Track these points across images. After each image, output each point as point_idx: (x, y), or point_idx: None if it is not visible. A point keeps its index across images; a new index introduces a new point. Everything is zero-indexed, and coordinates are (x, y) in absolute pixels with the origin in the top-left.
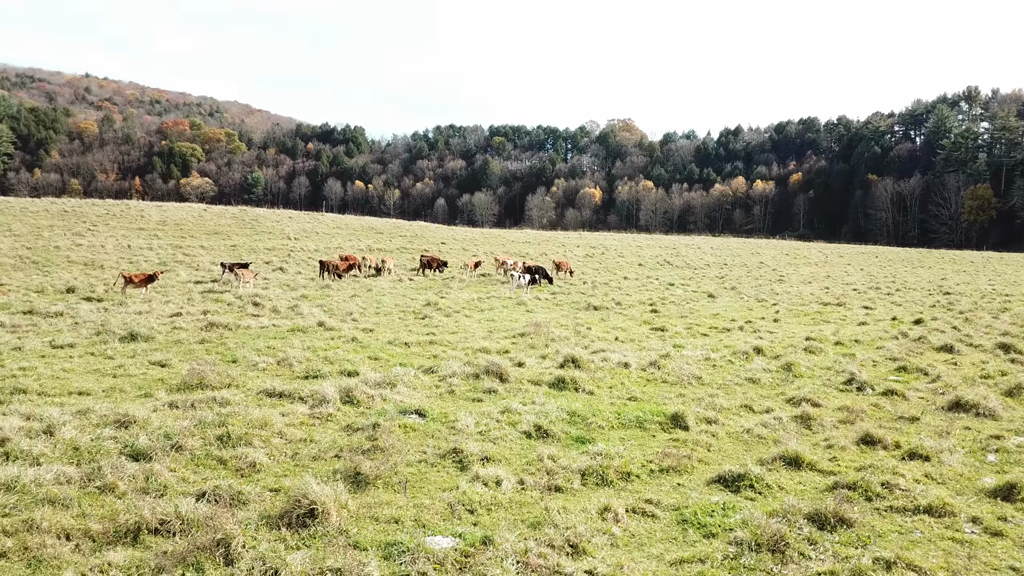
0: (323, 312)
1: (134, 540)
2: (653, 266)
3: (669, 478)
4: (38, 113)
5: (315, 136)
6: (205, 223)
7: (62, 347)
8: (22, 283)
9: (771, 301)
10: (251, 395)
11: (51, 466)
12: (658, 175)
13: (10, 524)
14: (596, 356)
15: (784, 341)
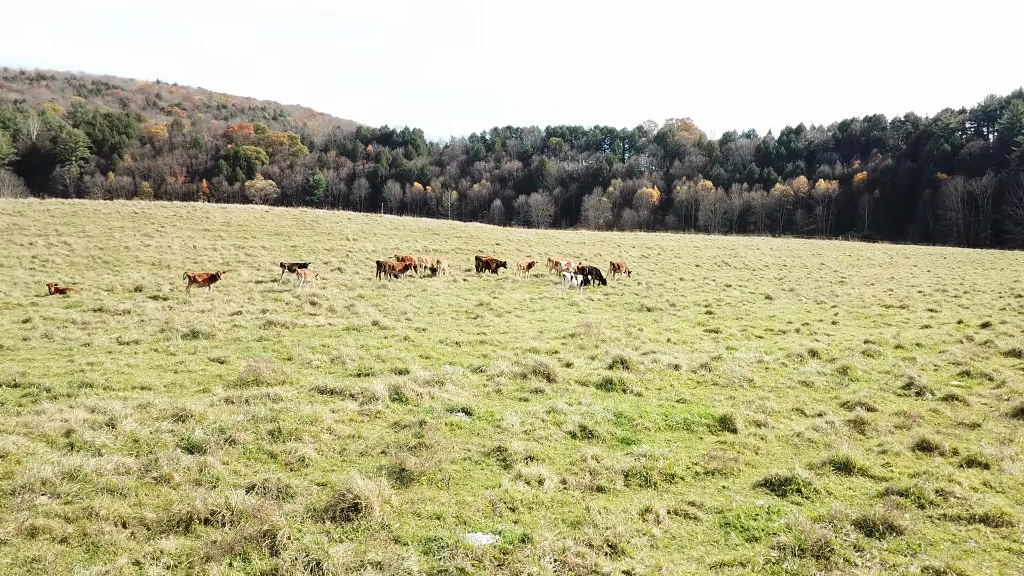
0: (378, 311)
1: (186, 529)
2: (710, 267)
3: (714, 481)
4: (112, 119)
5: (375, 139)
6: (267, 224)
7: (128, 343)
8: (94, 282)
9: (830, 303)
10: (303, 392)
11: (112, 457)
12: (717, 175)
13: (72, 511)
14: (646, 358)
15: (841, 344)
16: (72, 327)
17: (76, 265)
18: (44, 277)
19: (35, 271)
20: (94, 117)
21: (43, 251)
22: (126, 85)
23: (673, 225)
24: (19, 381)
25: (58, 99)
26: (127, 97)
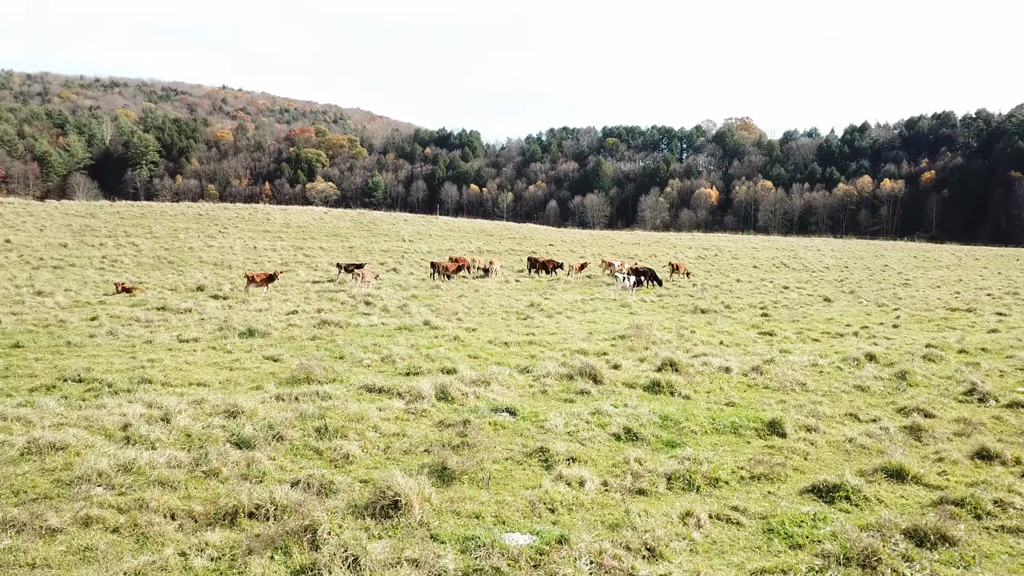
0: (430, 311)
1: (232, 522)
2: (768, 268)
3: (759, 486)
4: (180, 124)
5: (432, 141)
6: (325, 225)
7: (187, 341)
8: (159, 281)
9: (892, 306)
10: (352, 390)
11: (165, 451)
12: (777, 175)
13: (124, 502)
14: (696, 360)
15: (901, 348)
16: (136, 325)
17: (143, 265)
18: (112, 276)
19: (104, 271)
20: (163, 122)
21: (112, 251)
22: (194, 91)
23: (732, 226)
24: (83, 376)
25: (130, 105)
26: (194, 102)
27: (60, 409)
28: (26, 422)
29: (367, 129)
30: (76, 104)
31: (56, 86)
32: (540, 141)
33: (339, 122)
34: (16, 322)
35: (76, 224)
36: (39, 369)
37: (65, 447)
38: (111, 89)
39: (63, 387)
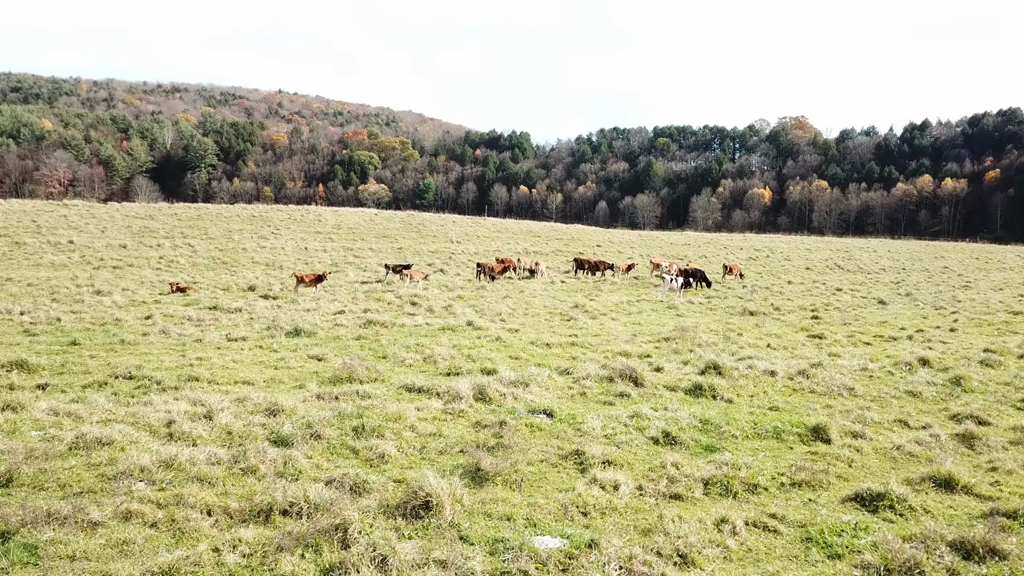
0: (474, 312)
1: (266, 519)
2: (821, 270)
3: (800, 493)
4: (238, 127)
5: (482, 143)
6: (375, 227)
7: (236, 340)
8: (212, 281)
9: (950, 309)
10: (392, 389)
11: (205, 448)
12: (833, 174)
13: (163, 498)
14: (741, 363)
15: (957, 352)
16: (187, 324)
17: (197, 265)
18: (168, 276)
19: (160, 271)
20: (221, 126)
21: (169, 252)
22: (251, 95)
23: (785, 226)
24: (134, 374)
25: (190, 110)
26: (251, 106)
27: (109, 405)
28: (76, 417)
29: (418, 131)
30: (139, 109)
31: (121, 92)
32: (590, 142)
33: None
34: (75, 320)
35: (136, 226)
36: (93, 366)
37: (111, 442)
38: (172, 94)
39: (114, 384)
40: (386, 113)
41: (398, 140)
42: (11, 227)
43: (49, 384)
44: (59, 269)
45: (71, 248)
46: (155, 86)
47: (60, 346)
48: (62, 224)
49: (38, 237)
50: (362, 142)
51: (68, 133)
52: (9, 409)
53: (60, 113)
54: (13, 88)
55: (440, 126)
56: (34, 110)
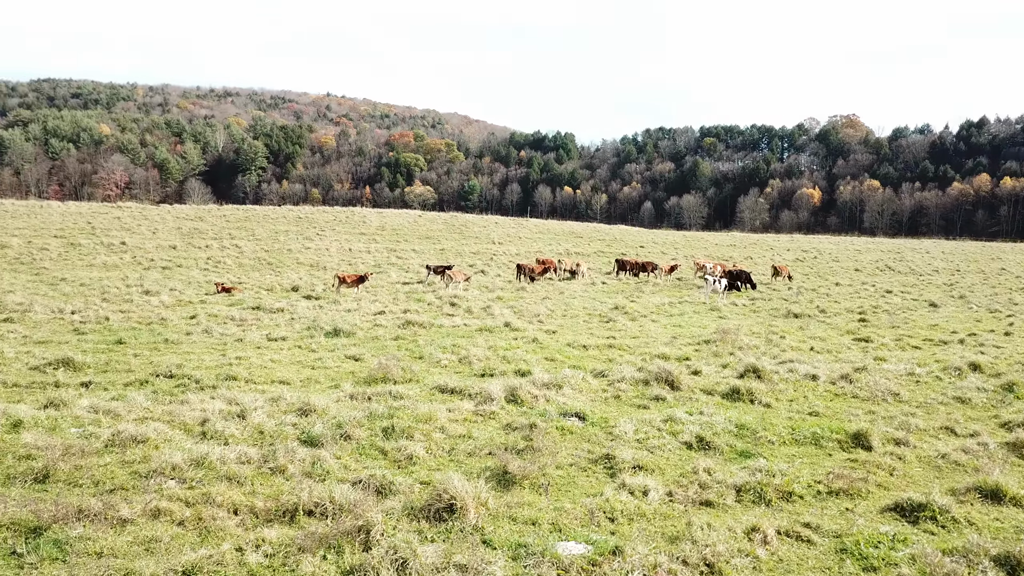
0: (512, 313)
1: (291, 520)
2: (871, 271)
3: (837, 502)
4: (287, 130)
5: (527, 144)
6: (419, 228)
7: (276, 340)
8: (257, 282)
9: (1006, 312)
10: (425, 390)
11: (236, 447)
12: (885, 173)
13: (192, 496)
14: (782, 367)
15: (1012, 357)
16: (230, 323)
17: (243, 266)
18: (215, 277)
19: (208, 271)
20: (271, 129)
21: (216, 253)
22: (300, 98)
23: (835, 227)
24: (174, 372)
25: (241, 113)
26: (300, 110)
27: (147, 404)
28: (115, 415)
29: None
30: (193, 113)
31: (175, 97)
32: (635, 142)
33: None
34: (123, 319)
35: (185, 227)
36: (136, 364)
37: (145, 440)
38: (224, 99)
39: (155, 382)
40: (432, 115)
41: (443, 142)
42: (67, 228)
43: (92, 382)
44: (111, 269)
45: (123, 249)
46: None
47: (106, 344)
48: (115, 226)
49: (92, 238)
50: (408, 144)
51: (125, 137)
52: (52, 406)
53: (117, 118)
54: (74, 94)
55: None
56: (93, 115)
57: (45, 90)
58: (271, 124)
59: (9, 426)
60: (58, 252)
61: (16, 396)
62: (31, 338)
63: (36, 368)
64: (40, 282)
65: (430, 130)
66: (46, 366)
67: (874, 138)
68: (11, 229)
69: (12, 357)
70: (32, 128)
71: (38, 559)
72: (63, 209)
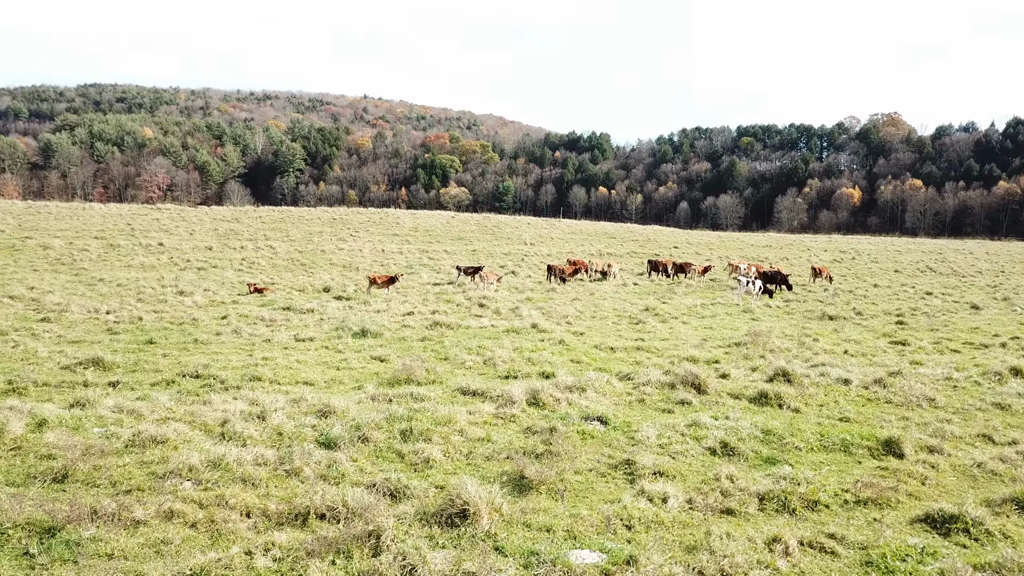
0: (541, 315)
1: (303, 523)
2: (911, 273)
3: (864, 511)
4: (324, 132)
5: (562, 144)
6: (451, 229)
7: (303, 340)
8: (289, 282)
9: None
10: (447, 392)
11: (254, 448)
12: (928, 173)
13: (206, 498)
14: (813, 370)
15: None
16: (260, 324)
17: (277, 267)
18: (248, 277)
19: (242, 272)
20: (309, 131)
21: (251, 254)
22: (337, 101)
23: (875, 227)
24: (201, 373)
25: (280, 116)
26: (338, 112)
27: (170, 404)
28: (137, 415)
29: (499, 134)
30: (233, 116)
31: (216, 100)
32: (671, 142)
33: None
34: (156, 319)
35: (222, 228)
36: (164, 364)
37: (165, 441)
38: (264, 102)
39: (181, 382)
40: (467, 117)
41: (479, 143)
42: (107, 230)
43: (120, 381)
44: (148, 270)
45: (160, 250)
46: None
47: (137, 344)
48: (154, 227)
49: (131, 239)
50: (443, 146)
51: (167, 140)
52: (78, 406)
53: (160, 121)
54: (119, 98)
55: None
56: (136, 119)
57: (92, 95)
58: (309, 126)
59: (34, 425)
60: (98, 253)
61: (46, 395)
62: (65, 338)
63: (67, 368)
64: (79, 282)
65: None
66: (76, 365)
67: (916, 136)
68: (54, 231)
69: (45, 356)
70: (78, 132)
71: (49, 560)
72: (104, 211)
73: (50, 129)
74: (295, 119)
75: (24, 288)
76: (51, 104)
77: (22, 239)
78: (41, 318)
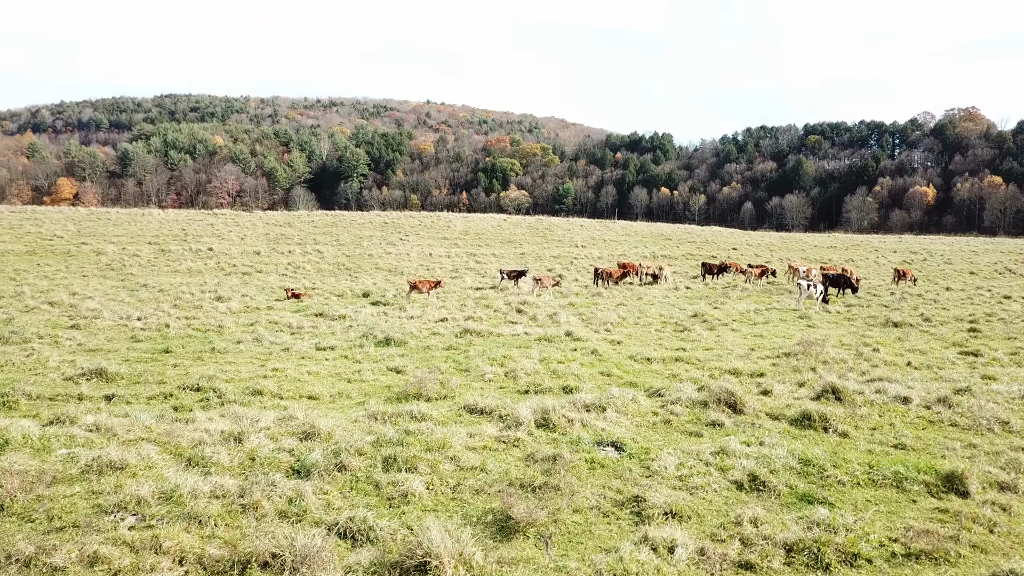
0: (580, 321)
1: (242, 571)
2: (988, 275)
3: (916, 568)
4: (387, 138)
5: (623, 145)
6: (502, 232)
7: (324, 349)
8: (331, 287)
9: None
10: (454, 410)
11: (216, 477)
12: (1009, 169)
13: (141, 539)
14: (869, 386)
15: None
16: (285, 331)
17: (322, 271)
18: (292, 282)
19: (286, 276)
20: (373, 137)
21: (298, 258)
22: (400, 106)
23: (951, 227)
24: (202, 385)
25: (345, 122)
26: (401, 117)
27: (150, 422)
28: (111, 435)
29: (560, 137)
30: (300, 123)
31: (284, 108)
32: (735, 141)
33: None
34: (183, 326)
35: (273, 233)
36: (170, 375)
37: (124, 467)
38: (330, 108)
39: (179, 395)
40: (529, 120)
41: (539, 146)
42: (162, 235)
43: (116, 395)
44: (194, 275)
45: (209, 255)
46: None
47: (152, 353)
48: (207, 232)
49: (183, 244)
50: (504, 149)
51: (237, 148)
52: (57, 422)
53: (230, 129)
54: (192, 108)
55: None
56: (208, 127)
57: (167, 105)
58: (372, 132)
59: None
60: (148, 258)
61: (34, 410)
62: (85, 346)
63: (70, 379)
64: (122, 288)
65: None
66: (79, 377)
67: (996, 132)
68: (110, 236)
69: (54, 366)
70: (153, 141)
71: None
72: (162, 216)
73: (127, 139)
74: (359, 125)
75: (67, 294)
76: (129, 115)
77: (78, 245)
78: (71, 324)
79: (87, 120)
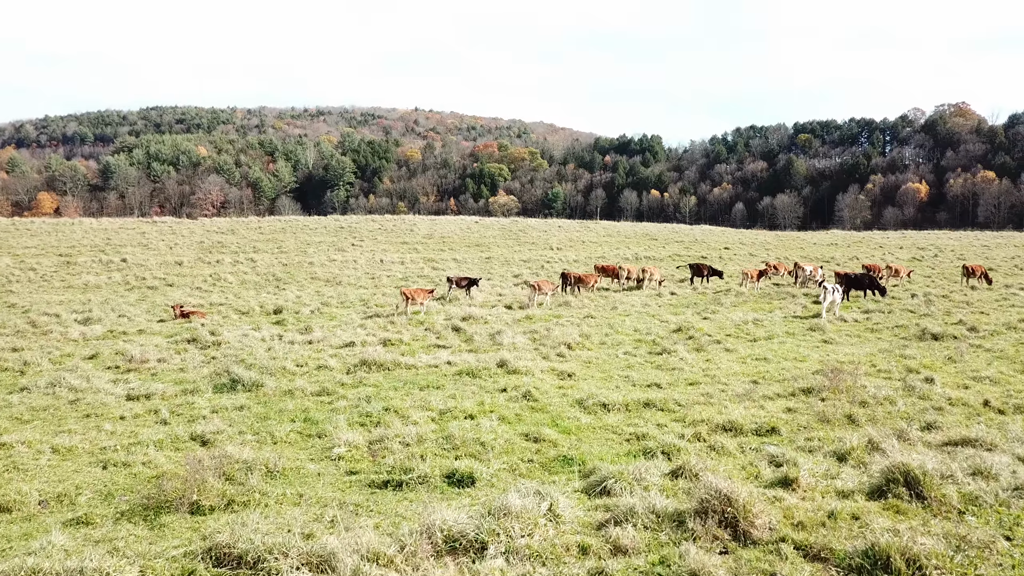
0: (529, 342)
1: None
2: (1008, 270)
3: None
4: (374, 145)
5: (612, 148)
6: (470, 236)
7: (134, 399)
8: (240, 303)
9: None
10: (181, 556)
11: None
12: (1002, 163)
13: None
14: (952, 457)
15: None
16: (111, 371)
17: (245, 284)
18: (203, 297)
19: (199, 290)
20: (359, 145)
21: (225, 269)
22: (389, 114)
23: (945, 223)
24: None
25: (332, 131)
26: (389, 125)
27: None
28: None
29: (548, 141)
30: (286, 133)
31: (271, 118)
32: (725, 141)
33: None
34: None
35: (209, 241)
36: None
37: None
38: (317, 117)
39: None
40: (517, 125)
41: (527, 151)
42: (80, 246)
43: None
44: (88, 291)
45: (122, 266)
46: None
47: None
48: (134, 241)
49: (98, 255)
50: (492, 155)
51: (221, 158)
52: None
53: (215, 140)
54: (178, 120)
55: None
56: (192, 139)
57: (152, 117)
58: (359, 140)
59: None
60: (44, 272)
61: None
62: None
63: None
64: None
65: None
66: None
67: (987, 126)
68: (17, 248)
69: None
70: (136, 153)
71: None
72: (92, 225)
73: (109, 151)
74: (346, 133)
75: None
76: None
77: None
78: None
79: (71, 134)
